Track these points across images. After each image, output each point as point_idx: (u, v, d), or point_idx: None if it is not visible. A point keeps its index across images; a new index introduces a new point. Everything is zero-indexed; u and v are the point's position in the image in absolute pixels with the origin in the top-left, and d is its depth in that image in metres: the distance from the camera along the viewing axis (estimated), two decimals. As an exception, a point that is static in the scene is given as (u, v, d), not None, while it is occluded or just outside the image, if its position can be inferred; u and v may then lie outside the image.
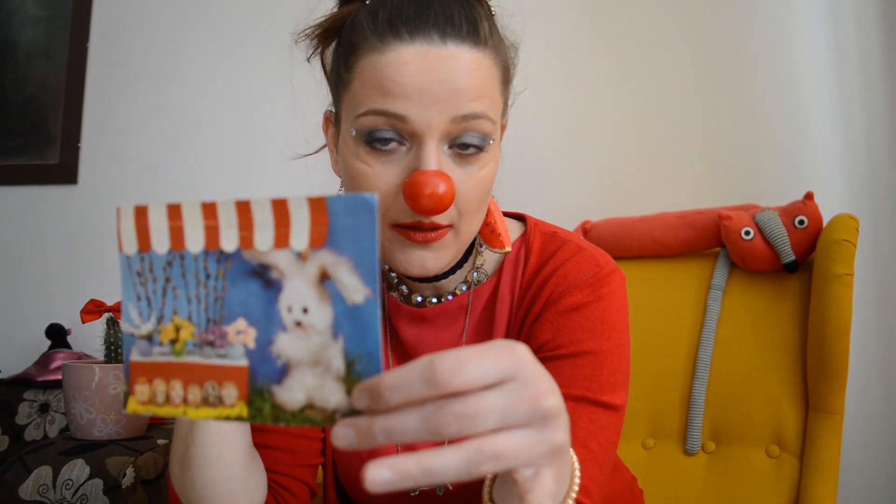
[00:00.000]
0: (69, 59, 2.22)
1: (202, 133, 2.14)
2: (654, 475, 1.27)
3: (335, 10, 0.77)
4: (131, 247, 0.45)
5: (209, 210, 0.42)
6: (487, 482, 0.57)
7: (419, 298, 0.84)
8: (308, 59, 0.80)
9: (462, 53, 0.69)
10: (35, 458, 1.07)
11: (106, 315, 1.21)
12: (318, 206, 0.39)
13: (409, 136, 0.70)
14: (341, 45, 0.75)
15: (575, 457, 0.55)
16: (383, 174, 0.70)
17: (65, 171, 2.19)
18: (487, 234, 0.80)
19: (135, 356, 0.45)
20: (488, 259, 0.85)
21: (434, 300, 0.83)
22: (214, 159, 2.12)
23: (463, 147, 0.70)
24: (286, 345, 0.41)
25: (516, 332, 0.80)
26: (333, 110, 0.79)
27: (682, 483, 1.25)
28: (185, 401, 0.44)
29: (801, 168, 1.60)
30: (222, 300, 0.42)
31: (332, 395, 0.40)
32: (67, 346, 1.99)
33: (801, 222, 1.27)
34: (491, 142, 0.72)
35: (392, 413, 0.39)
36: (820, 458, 1.16)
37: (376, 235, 0.39)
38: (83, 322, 1.20)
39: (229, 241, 0.42)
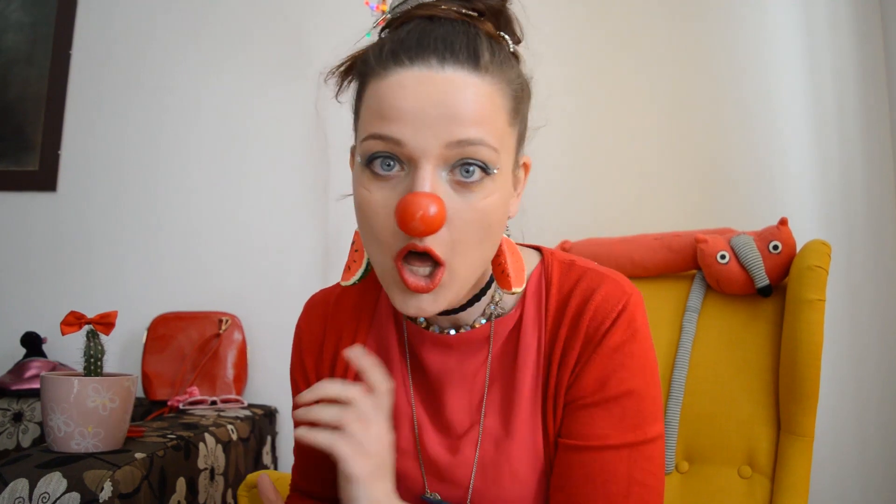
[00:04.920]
0: (51, 66, 2.21)
1: (183, 142, 2.13)
2: (629, 494, 1.28)
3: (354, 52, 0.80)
4: None
5: None
6: None
7: (437, 329, 0.84)
8: (336, 97, 0.81)
9: (459, 78, 0.69)
10: (11, 471, 1.06)
11: (86, 327, 1.20)
12: None
13: (406, 160, 0.70)
14: (355, 80, 0.78)
15: None
16: (381, 200, 0.70)
17: (44, 178, 2.17)
18: (498, 273, 0.79)
19: None
20: (507, 294, 0.84)
21: (452, 332, 0.83)
22: (195, 168, 2.12)
23: (464, 173, 0.69)
24: None
25: (545, 361, 0.81)
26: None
27: (656, 502, 1.26)
28: None
29: (777, 194, 1.63)
30: None
31: None
32: (43, 354, 1.97)
33: (776, 247, 1.30)
34: (495, 171, 0.70)
35: None
36: (790, 479, 1.17)
37: None
38: (63, 334, 1.18)
39: None
